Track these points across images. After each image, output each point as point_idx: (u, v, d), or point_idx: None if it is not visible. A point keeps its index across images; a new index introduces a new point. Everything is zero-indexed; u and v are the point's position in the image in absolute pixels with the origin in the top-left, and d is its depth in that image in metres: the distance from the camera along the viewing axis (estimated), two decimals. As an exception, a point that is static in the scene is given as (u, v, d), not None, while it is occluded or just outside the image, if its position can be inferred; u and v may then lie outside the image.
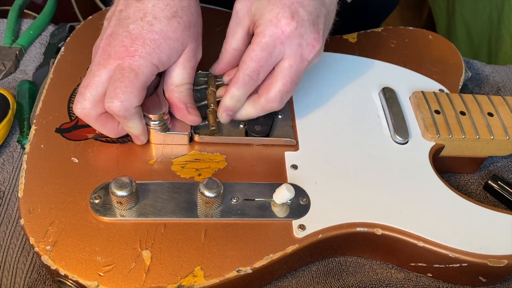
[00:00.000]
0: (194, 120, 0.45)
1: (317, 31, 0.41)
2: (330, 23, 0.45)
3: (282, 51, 0.41)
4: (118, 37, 0.40)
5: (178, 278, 0.37)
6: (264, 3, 0.41)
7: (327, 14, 0.43)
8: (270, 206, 0.41)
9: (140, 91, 0.40)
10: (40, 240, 0.37)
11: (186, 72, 0.44)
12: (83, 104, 0.40)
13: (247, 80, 0.42)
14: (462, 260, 0.40)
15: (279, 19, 0.40)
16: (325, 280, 0.43)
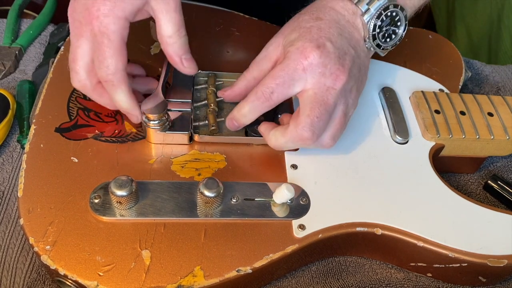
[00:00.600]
0: (190, 71, 0.44)
1: (341, 64, 0.41)
2: (361, 69, 0.44)
3: (304, 77, 0.41)
4: (80, 0, 0.40)
5: (177, 278, 0.37)
6: (295, 36, 0.42)
7: (356, 56, 0.43)
8: (270, 206, 0.41)
9: (118, 50, 0.40)
10: (39, 239, 0.37)
11: (171, 18, 0.42)
12: (78, 77, 0.42)
13: (259, 95, 0.41)
14: (462, 260, 0.40)
15: (305, 47, 0.41)
16: (324, 280, 0.43)
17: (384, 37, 0.45)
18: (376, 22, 0.43)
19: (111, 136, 0.45)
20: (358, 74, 0.44)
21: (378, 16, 0.43)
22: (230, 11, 0.58)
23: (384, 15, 0.43)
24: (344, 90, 0.42)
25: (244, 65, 0.53)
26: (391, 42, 0.45)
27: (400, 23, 0.45)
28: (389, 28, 0.44)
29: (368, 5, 0.43)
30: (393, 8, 0.44)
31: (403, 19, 0.45)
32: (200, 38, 0.55)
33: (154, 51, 0.53)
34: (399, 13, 0.44)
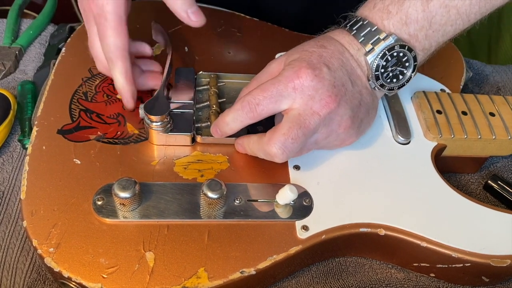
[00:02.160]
0: (199, 23, 0.43)
1: (334, 93, 0.40)
2: (362, 106, 0.43)
3: (293, 96, 0.40)
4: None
5: (181, 279, 0.37)
6: (295, 57, 0.42)
7: (355, 91, 0.42)
8: (273, 207, 0.41)
9: (115, 29, 0.42)
10: (43, 242, 0.37)
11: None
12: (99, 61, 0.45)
13: (244, 105, 0.41)
14: (465, 260, 0.40)
15: (300, 67, 0.40)
16: (325, 280, 0.43)
17: (390, 77, 0.43)
18: (380, 62, 0.42)
19: (114, 137, 0.45)
20: (357, 110, 0.42)
21: (382, 56, 0.42)
22: (231, 12, 0.58)
23: (390, 55, 0.42)
24: (330, 119, 0.41)
25: (245, 66, 0.53)
26: (398, 83, 0.43)
27: (408, 64, 0.43)
28: (395, 68, 0.43)
29: (373, 45, 0.42)
30: (400, 49, 0.42)
31: (411, 60, 0.43)
32: (201, 39, 0.55)
33: (156, 52, 0.53)
34: (407, 54, 0.42)
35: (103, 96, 0.48)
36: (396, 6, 0.41)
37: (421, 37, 0.42)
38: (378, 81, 0.43)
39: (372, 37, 0.42)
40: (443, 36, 0.43)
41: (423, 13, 0.41)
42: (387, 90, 0.44)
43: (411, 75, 0.43)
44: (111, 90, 0.49)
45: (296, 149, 0.40)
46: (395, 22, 0.42)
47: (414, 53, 0.42)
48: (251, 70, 0.52)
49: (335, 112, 0.41)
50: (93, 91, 0.48)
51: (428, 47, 0.43)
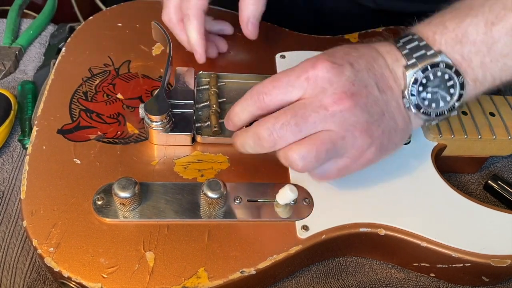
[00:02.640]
0: (250, 35, 0.48)
1: (351, 90, 0.36)
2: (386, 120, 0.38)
3: (303, 87, 0.36)
4: None
5: (181, 279, 0.37)
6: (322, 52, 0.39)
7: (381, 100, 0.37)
8: (273, 207, 0.41)
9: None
10: (43, 242, 0.37)
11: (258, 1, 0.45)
12: (167, 11, 0.48)
13: (252, 94, 0.38)
14: (465, 260, 0.40)
15: (318, 59, 0.37)
16: (325, 280, 0.43)
17: (428, 100, 0.38)
18: (419, 77, 0.37)
19: (114, 137, 0.45)
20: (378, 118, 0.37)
21: (423, 71, 0.37)
22: (231, 12, 0.58)
23: (432, 73, 0.37)
24: (343, 118, 0.36)
25: (246, 66, 0.53)
26: (437, 109, 0.38)
27: (453, 91, 0.37)
28: (437, 91, 0.37)
29: (416, 59, 0.37)
30: (445, 68, 0.36)
31: (457, 87, 0.37)
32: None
33: (156, 52, 0.53)
34: (453, 78, 0.37)
35: (103, 96, 0.48)
36: (455, 22, 0.37)
37: (475, 63, 0.37)
38: (413, 98, 0.38)
39: (418, 51, 0.37)
40: (501, 71, 0.37)
41: (483, 36, 0.36)
42: (423, 115, 0.38)
43: (454, 105, 0.38)
44: (111, 90, 0.49)
45: (287, 137, 0.36)
46: (449, 39, 0.37)
47: (462, 79, 0.37)
48: (251, 70, 0.52)
49: (349, 111, 0.36)
50: (93, 91, 0.48)
51: (482, 79, 0.37)
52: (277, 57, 0.54)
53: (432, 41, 0.37)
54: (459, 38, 0.36)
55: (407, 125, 0.39)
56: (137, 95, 0.49)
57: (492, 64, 0.37)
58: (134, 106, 0.48)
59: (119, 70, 0.51)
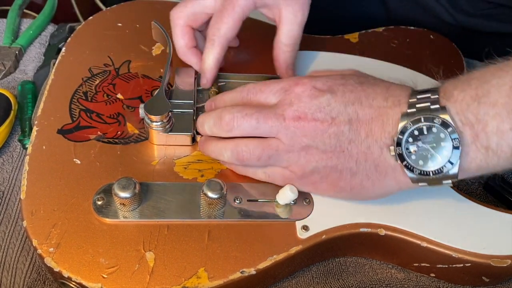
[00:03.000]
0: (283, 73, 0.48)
1: (313, 115, 0.37)
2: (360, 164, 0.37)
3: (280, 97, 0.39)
4: None
5: (182, 279, 0.37)
6: None
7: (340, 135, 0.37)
8: (274, 207, 0.41)
9: (236, 22, 0.45)
10: (43, 242, 0.37)
11: (293, 30, 0.46)
12: (180, 9, 0.47)
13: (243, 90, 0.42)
14: (466, 260, 0.40)
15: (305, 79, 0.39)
16: (325, 280, 0.43)
17: (415, 155, 0.35)
18: (409, 126, 0.34)
19: (114, 137, 0.45)
20: (333, 154, 0.37)
21: (415, 122, 0.34)
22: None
23: (427, 127, 0.34)
24: (292, 134, 0.37)
25: (246, 66, 0.53)
26: (421, 167, 0.35)
27: (445, 150, 0.34)
28: (427, 148, 0.34)
29: (417, 110, 0.35)
30: (439, 126, 0.33)
31: (449, 147, 0.33)
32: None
33: (156, 52, 0.53)
34: (446, 137, 0.33)
35: (103, 96, 0.48)
36: (480, 80, 0.33)
37: (491, 127, 0.32)
38: (398, 147, 0.35)
39: (424, 102, 0.35)
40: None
41: (507, 99, 0.32)
42: (407, 169, 0.35)
43: (443, 167, 0.34)
44: (111, 90, 0.49)
45: (245, 130, 0.39)
46: (467, 96, 0.33)
47: (457, 142, 0.33)
48: (251, 70, 0.52)
49: (302, 131, 0.37)
50: (93, 90, 0.48)
51: (495, 147, 0.32)
52: None
53: (448, 96, 0.34)
54: (479, 97, 0.33)
55: (379, 175, 0.37)
56: (137, 95, 0.49)
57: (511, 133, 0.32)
58: (134, 106, 0.48)
59: (119, 70, 0.51)
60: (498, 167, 0.34)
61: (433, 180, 0.35)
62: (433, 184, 0.35)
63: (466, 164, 0.34)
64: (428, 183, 0.35)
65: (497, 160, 0.33)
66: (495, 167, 0.34)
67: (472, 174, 0.35)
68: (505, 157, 0.33)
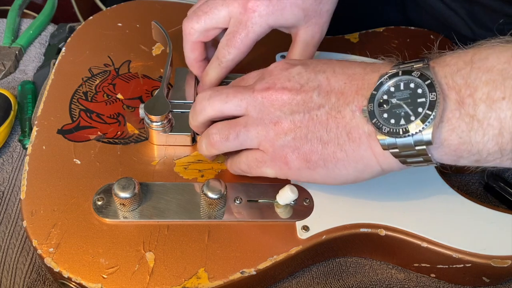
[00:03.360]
0: None
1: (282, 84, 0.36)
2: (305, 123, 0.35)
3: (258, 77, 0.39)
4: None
5: (182, 280, 0.37)
6: None
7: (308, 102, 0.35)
8: (274, 207, 0.41)
9: (247, 47, 0.43)
10: (43, 242, 0.37)
11: (308, 51, 0.45)
12: (193, 25, 0.44)
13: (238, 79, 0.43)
14: (466, 261, 0.40)
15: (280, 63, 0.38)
16: (325, 280, 0.43)
17: (387, 113, 0.31)
18: (385, 82, 0.31)
19: (114, 137, 0.45)
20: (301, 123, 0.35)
21: (392, 76, 0.31)
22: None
23: (404, 82, 0.31)
24: (261, 106, 0.36)
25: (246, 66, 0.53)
26: (394, 127, 0.30)
27: (420, 107, 0.30)
28: (402, 105, 0.30)
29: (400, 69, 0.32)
30: (417, 79, 0.30)
31: (426, 104, 0.29)
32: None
33: (156, 52, 0.53)
34: (426, 93, 0.29)
35: (103, 96, 0.48)
36: (479, 48, 0.30)
37: (480, 94, 0.28)
38: (370, 104, 0.32)
39: (409, 63, 0.32)
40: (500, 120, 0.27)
41: (505, 65, 0.28)
42: (377, 129, 0.31)
43: (414, 129, 0.30)
44: (111, 90, 0.49)
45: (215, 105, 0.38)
46: (460, 61, 0.30)
47: (434, 96, 0.29)
48: (251, 70, 0.52)
49: (269, 101, 0.36)
50: (93, 91, 0.48)
51: (482, 117, 0.28)
52: (277, 57, 0.54)
53: (440, 61, 0.31)
54: (474, 61, 0.29)
55: (352, 143, 0.33)
56: (137, 95, 0.49)
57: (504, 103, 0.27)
58: (134, 106, 0.48)
59: (119, 70, 0.51)
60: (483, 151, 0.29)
61: (405, 147, 0.30)
62: (407, 155, 0.31)
63: (445, 133, 0.30)
64: (399, 149, 0.31)
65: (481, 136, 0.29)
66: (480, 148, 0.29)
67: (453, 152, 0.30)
68: (492, 135, 0.28)
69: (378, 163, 0.34)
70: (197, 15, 0.44)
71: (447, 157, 0.31)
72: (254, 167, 0.39)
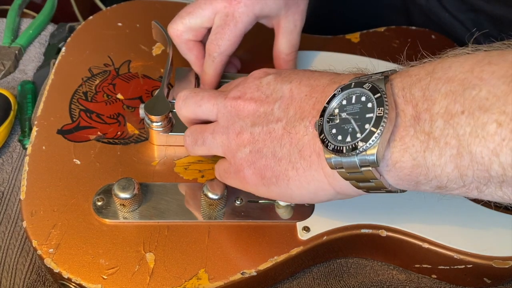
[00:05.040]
0: None
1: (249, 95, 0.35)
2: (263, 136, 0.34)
3: None
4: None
5: (182, 281, 0.37)
6: None
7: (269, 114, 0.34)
8: (274, 208, 0.41)
9: (237, 38, 0.43)
10: (43, 242, 0.37)
11: (293, 39, 0.46)
12: (178, 26, 0.45)
13: None
14: (467, 262, 0.40)
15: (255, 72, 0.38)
16: (326, 281, 0.43)
17: (336, 128, 0.28)
18: (337, 94, 0.29)
19: (114, 137, 0.45)
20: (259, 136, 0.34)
21: (343, 88, 0.29)
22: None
23: (356, 96, 0.28)
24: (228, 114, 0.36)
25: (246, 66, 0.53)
26: (337, 144, 0.28)
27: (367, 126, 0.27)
28: (349, 120, 0.28)
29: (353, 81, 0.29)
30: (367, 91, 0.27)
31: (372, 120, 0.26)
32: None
33: (156, 52, 0.53)
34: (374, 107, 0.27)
35: (103, 96, 0.48)
36: (446, 58, 0.27)
37: (438, 108, 0.25)
38: (320, 119, 0.29)
39: (369, 76, 0.29)
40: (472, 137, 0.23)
41: (466, 74, 0.24)
42: (323, 144, 0.29)
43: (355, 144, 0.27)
44: (111, 90, 0.49)
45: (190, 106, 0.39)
46: (422, 71, 0.27)
47: (381, 111, 0.26)
48: (251, 70, 0.52)
49: (235, 110, 0.35)
50: (93, 91, 0.48)
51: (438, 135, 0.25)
52: None
53: (402, 72, 0.28)
54: (435, 71, 0.26)
55: (303, 162, 0.31)
56: (137, 95, 0.48)
57: (464, 117, 0.23)
58: (134, 106, 0.47)
59: (119, 70, 0.50)
60: (442, 176, 0.25)
61: (351, 167, 0.27)
62: (357, 178, 0.28)
63: (396, 154, 0.26)
64: (346, 170, 0.28)
65: (438, 157, 0.25)
66: (437, 173, 0.25)
67: (407, 176, 0.27)
68: (449, 155, 0.24)
69: (330, 185, 0.31)
70: (180, 16, 0.45)
71: (403, 183, 0.28)
72: (224, 177, 0.38)
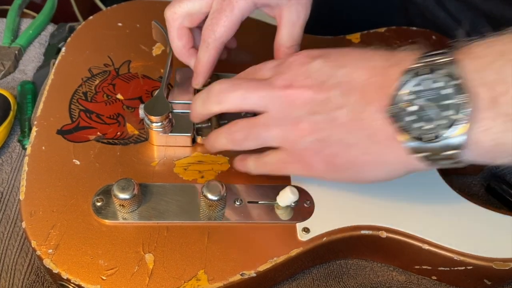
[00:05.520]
0: None
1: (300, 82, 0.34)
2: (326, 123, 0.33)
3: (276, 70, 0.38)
4: None
5: (181, 282, 0.36)
6: None
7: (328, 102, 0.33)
8: (274, 209, 0.41)
9: (234, 24, 0.42)
10: (42, 243, 0.37)
11: (295, 32, 0.44)
12: (175, 9, 0.43)
13: None
14: (467, 263, 0.40)
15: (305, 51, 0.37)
16: (325, 282, 0.43)
17: (415, 114, 0.29)
18: (410, 80, 0.29)
19: (113, 138, 0.45)
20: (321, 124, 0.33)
21: (416, 75, 0.28)
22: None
23: (432, 81, 0.28)
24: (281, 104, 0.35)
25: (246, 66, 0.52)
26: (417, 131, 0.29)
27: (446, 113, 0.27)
28: (427, 106, 0.28)
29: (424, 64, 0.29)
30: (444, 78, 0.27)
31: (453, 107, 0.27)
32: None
33: (156, 52, 0.53)
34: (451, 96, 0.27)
35: (103, 96, 0.48)
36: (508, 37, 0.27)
37: None
38: (394, 106, 0.29)
39: (434, 57, 0.29)
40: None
41: None
42: (402, 133, 0.29)
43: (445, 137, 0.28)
44: (111, 90, 0.49)
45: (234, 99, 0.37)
46: (494, 52, 0.27)
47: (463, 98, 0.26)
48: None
49: (287, 99, 0.34)
50: (93, 91, 0.48)
51: None
52: None
53: (468, 52, 0.28)
54: (506, 52, 0.26)
55: (376, 147, 0.32)
56: (137, 96, 0.48)
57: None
58: (134, 106, 0.47)
59: (119, 70, 0.50)
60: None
61: (434, 151, 0.29)
62: (436, 159, 0.29)
63: (477, 135, 0.27)
64: (427, 155, 0.29)
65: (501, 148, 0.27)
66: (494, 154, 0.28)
67: (486, 153, 0.28)
68: None
69: (404, 167, 0.33)
70: (179, 0, 0.44)
71: (481, 159, 0.29)
72: (280, 168, 0.38)
